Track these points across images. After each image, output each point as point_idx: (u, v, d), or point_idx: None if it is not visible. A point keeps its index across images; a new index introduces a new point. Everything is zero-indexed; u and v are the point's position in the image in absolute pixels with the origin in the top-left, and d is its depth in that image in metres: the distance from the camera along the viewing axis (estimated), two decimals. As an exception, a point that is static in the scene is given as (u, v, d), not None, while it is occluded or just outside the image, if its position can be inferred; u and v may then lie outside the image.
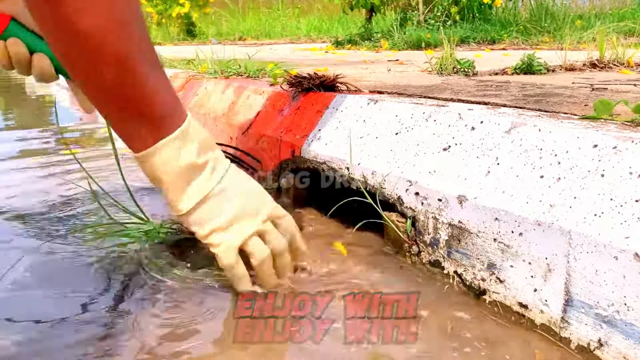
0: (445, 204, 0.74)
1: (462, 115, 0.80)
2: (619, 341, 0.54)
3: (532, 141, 0.69)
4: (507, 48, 3.08)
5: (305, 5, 8.22)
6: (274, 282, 0.73)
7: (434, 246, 0.77)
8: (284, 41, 5.81)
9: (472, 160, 0.74)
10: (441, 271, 0.76)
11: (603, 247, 0.54)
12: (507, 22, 4.04)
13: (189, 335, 0.63)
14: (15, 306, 0.71)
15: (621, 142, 0.60)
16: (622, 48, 1.70)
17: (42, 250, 0.88)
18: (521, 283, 0.64)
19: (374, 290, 0.74)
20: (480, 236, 0.69)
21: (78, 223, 1.00)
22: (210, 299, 0.71)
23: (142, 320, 0.66)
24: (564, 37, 2.77)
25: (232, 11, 8.09)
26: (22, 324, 0.67)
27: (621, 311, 0.54)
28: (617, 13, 4.02)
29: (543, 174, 0.65)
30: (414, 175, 0.80)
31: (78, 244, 0.90)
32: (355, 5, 4.79)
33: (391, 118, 0.92)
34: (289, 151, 1.10)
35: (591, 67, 1.58)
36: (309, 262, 0.80)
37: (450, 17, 4.14)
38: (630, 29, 2.84)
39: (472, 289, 0.72)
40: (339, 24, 6.88)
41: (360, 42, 3.96)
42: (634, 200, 0.55)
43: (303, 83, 1.17)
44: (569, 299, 0.59)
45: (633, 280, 0.52)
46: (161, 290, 0.74)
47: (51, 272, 0.81)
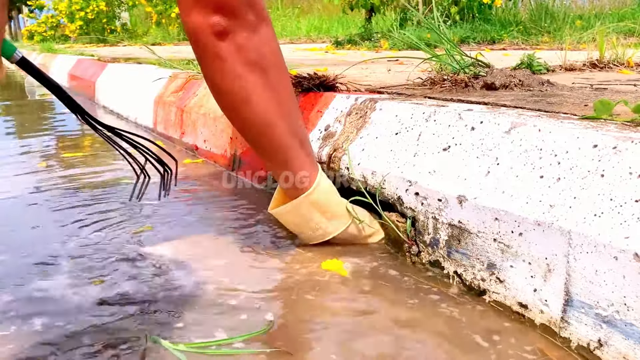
0: (445, 204, 0.74)
1: (461, 115, 0.80)
2: (619, 341, 0.54)
3: (532, 141, 0.69)
4: (507, 48, 3.08)
5: (305, 5, 8.22)
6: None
7: (434, 246, 0.77)
8: (284, 41, 5.81)
9: (472, 160, 0.74)
10: (441, 271, 0.76)
11: (603, 247, 0.54)
12: (507, 22, 4.04)
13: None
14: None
15: (621, 142, 0.60)
16: (622, 48, 1.70)
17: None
18: (521, 283, 0.64)
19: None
20: (480, 236, 0.69)
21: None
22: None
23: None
24: (564, 37, 2.77)
25: (232, 11, 8.06)
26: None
27: (621, 311, 0.54)
28: (617, 13, 4.02)
29: (543, 174, 0.65)
30: (413, 175, 0.80)
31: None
32: (355, 5, 4.79)
33: (391, 118, 0.92)
34: (289, 151, 1.10)
35: (591, 67, 1.58)
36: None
37: (450, 17, 4.14)
38: (630, 29, 2.83)
39: (472, 289, 0.72)
40: (339, 24, 6.88)
41: (360, 42, 3.96)
42: (634, 200, 0.55)
43: (303, 83, 1.17)
44: (569, 299, 0.59)
45: (633, 280, 0.52)
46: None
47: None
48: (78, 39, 9.52)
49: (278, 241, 0.93)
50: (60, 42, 9.89)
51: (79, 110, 0.85)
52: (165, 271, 0.82)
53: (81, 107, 0.85)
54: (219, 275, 0.80)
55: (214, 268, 0.83)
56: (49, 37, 11.35)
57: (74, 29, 9.61)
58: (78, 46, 7.29)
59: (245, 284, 0.77)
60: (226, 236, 0.96)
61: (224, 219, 1.06)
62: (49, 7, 12.64)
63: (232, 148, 1.36)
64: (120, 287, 0.76)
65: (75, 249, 0.91)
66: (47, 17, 12.20)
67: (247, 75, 0.73)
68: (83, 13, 9.28)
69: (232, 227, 1.01)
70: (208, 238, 0.96)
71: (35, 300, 0.73)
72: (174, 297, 0.74)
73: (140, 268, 0.83)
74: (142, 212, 1.09)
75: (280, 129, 0.78)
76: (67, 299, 0.74)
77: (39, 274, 0.81)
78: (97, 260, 0.86)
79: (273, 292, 0.75)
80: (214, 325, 0.66)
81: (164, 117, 1.90)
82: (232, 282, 0.78)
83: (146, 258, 0.87)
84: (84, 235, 0.97)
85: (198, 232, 1.00)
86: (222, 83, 0.74)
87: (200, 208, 1.13)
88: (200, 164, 1.51)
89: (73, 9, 9.41)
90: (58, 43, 9.26)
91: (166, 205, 1.13)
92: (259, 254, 0.88)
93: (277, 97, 0.76)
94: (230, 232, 0.98)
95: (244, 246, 0.91)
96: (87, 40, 8.87)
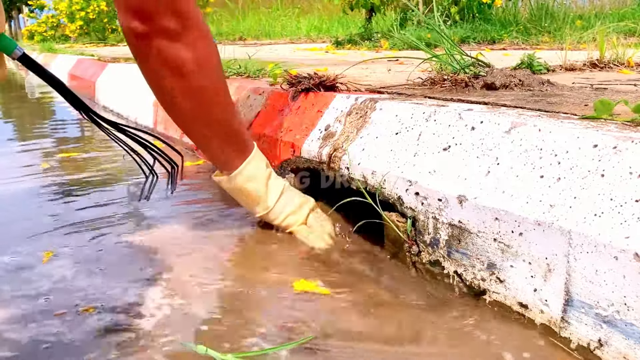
0: (445, 203, 0.74)
1: (462, 115, 0.80)
2: (619, 341, 0.54)
3: (532, 141, 0.69)
4: (507, 48, 3.08)
5: (305, 5, 8.21)
6: (325, 243, 0.93)
7: (434, 246, 0.77)
8: (284, 41, 5.80)
9: (472, 160, 0.74)
10: (441, 271, 0.76)
11: (603, 247, 0.54)
12: (507, 22, 4.03)
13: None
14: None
15: (621, 142, 0.60)
16: (622, 48, 1.70)
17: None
18: (521, 283, 0.64)
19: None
20: (480, 236, 0.69)
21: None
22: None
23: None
24: (564, 37, 2.77)
25: (232, 11, 8.08)
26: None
27: (621, 311, 0.54)
28: (617, 13, 4.01)
29: (543, 174, 0.65)
30: (414, 175, 0.80)
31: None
32: (355, 5, 4.78)
33: (391, 118, 0.92)
34: (289, 151, 1.10)
35: (591, 67, 1.58)
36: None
37: (450, 17, 4.13)
38: (630, 29, 2.83)
39: (472, 289, 0.72)
40: (339, 24, 6.87)
41: (360, 42, 3.96)
42: (634, 200, 0.55)
43: (303, 83, 1.17)
44: (569, 299, 0.59)
45: (633, 280, 0.52)
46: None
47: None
48: (78, 39, 9.52)
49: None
50: (61, 42, 9.89)
51: (83, 108, 0.85)
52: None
53: (85, 104, 0.85)
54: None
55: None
56: (49, 37, 11.35)
57: (75, 28, 9.60)
58: (78, 46, 7.29)
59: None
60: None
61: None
62: (49, 7, 12.64)
63: (232, 148, 1.36)
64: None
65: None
66: (47, 17, 12.20)
67: (167, 78, 0.80)
68: (83, 13, 9.28)
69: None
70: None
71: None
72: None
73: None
74: (142, 212, 1.09)
75: (199, 128, 0.87)
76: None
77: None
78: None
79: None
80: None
81: (164, 117, 1.90)
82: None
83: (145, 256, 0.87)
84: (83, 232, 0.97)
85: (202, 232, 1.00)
86: (148, 80, 0.83)
87: (206, 210, 1.13)
88: (201, 165, 1.51)
89: (73, 8, 9.40)
90: (58, 43, 9.26)
91: (167, 207, 1.13)
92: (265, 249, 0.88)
93: (197, 100, 0.83)
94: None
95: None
96: (88, 40, 8.87)
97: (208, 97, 0.84)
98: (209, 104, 0.84)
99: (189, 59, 0.79)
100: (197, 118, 0.85)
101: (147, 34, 0.76)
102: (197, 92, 0.82)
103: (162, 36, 0.76)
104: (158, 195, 1.10)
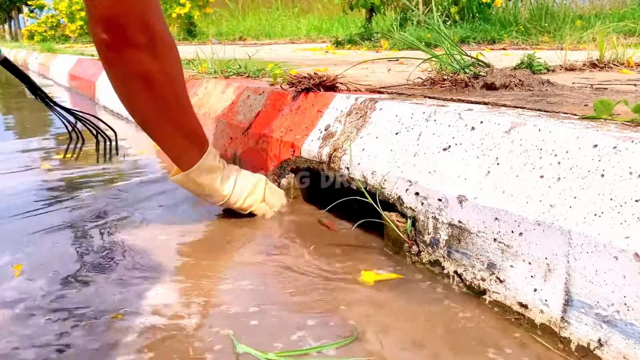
0: (445, 203, 0.74)
1: (462, 115, 0.80)
2: (619, 341, 0.54)
3: (532, 141, 0.69)
4: (507, 48, 3.08)
5: (305, 5, 8.21)
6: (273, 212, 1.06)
7: (434, 246, 0.77)
8: (284, 41, 5.81)
9: (472, 160, 0.74)
10: (441, 271, 0.76)
11: (603, 247, 0.54)
12: (507, 22, 4.03)
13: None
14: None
15: (621, 142, 0.60)
16: (622, 48, 1.70)
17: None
18: (521, 283, 0.64)
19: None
20: (480, 236, 0.69)
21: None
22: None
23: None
24: (564, 37, 2.77)
25: (232, 11, 8.09)
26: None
27: (621, 311, 0.54)
28: (617, 13, 4.01)
29: (543, 174, 0.65)
30: (414, 175, 0.80)
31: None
32: (355, 5, 4.79)
33: (391, 118, 0.92)
34: (289, 151, 1.10)
35: (591, 67, 1.58)
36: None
37: (450, 17, 4.13)
38: (630, 29, 2.83)
39: (472, 289, 0.72)
40: (339, 24, 6.87)
41: (360, 42, 3.96)
42: (634, 200, 0.55)
43: (303, 83, 1.17)
44: (569, 299, 0.59)
45: (633, 280, 0.52)
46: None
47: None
48: (78, 39, 9.53)
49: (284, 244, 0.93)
50: (61, 42, 9.90)
51: (39, 92, 1.11)
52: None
53: (41, 90, 1.12)
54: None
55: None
56: (49, 37, 11.36)
57: (75, 28, 9.61)
58: (78, 46, 7.29)
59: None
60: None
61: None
62: (49, 7, 12.64)
63: (232, 148, 1.36)
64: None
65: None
66: (47, 17, 12.21)
67: (134, 86, 0.87)
68: (84, 13, 9.28)
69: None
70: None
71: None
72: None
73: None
74: (136, 207, 1.10)
75: (160, 127, 0.94)
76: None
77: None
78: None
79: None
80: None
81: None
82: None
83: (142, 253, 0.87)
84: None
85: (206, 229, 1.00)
86: (115, 86, 0.89)
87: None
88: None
89: (73, 9, 9.41)
90: (58, 43, 9.27)
91: (170, 206, 1.13)
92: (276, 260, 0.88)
93: (160, 106, 0.90)
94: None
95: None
96: (88, 40, 8.87)
97: (171, 103, 0.91)
98: (171, 108, 0.92)
99: (155, 70, 0.86)
100: (159, 120, 0.92)
101: (117, 46, 0.82)
102: (161, 99, 0.90)
103: (131, 48, 0.82)
104: (172, 202, 1.16)
